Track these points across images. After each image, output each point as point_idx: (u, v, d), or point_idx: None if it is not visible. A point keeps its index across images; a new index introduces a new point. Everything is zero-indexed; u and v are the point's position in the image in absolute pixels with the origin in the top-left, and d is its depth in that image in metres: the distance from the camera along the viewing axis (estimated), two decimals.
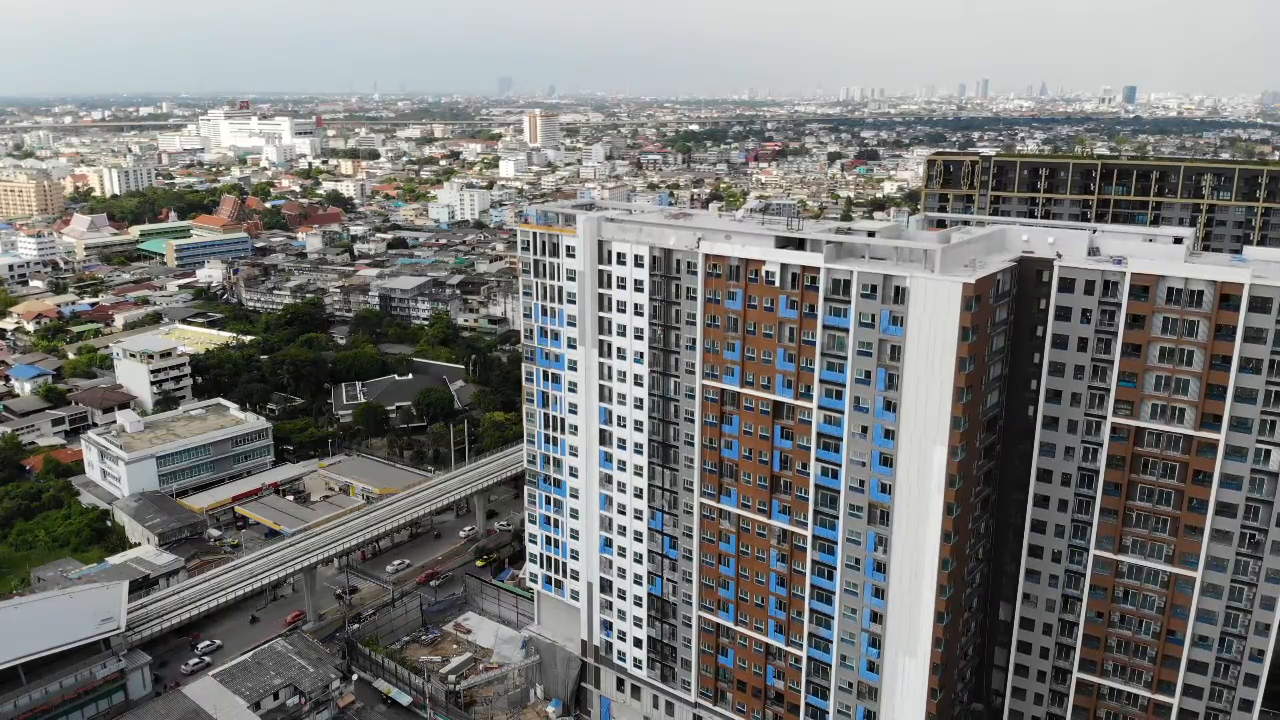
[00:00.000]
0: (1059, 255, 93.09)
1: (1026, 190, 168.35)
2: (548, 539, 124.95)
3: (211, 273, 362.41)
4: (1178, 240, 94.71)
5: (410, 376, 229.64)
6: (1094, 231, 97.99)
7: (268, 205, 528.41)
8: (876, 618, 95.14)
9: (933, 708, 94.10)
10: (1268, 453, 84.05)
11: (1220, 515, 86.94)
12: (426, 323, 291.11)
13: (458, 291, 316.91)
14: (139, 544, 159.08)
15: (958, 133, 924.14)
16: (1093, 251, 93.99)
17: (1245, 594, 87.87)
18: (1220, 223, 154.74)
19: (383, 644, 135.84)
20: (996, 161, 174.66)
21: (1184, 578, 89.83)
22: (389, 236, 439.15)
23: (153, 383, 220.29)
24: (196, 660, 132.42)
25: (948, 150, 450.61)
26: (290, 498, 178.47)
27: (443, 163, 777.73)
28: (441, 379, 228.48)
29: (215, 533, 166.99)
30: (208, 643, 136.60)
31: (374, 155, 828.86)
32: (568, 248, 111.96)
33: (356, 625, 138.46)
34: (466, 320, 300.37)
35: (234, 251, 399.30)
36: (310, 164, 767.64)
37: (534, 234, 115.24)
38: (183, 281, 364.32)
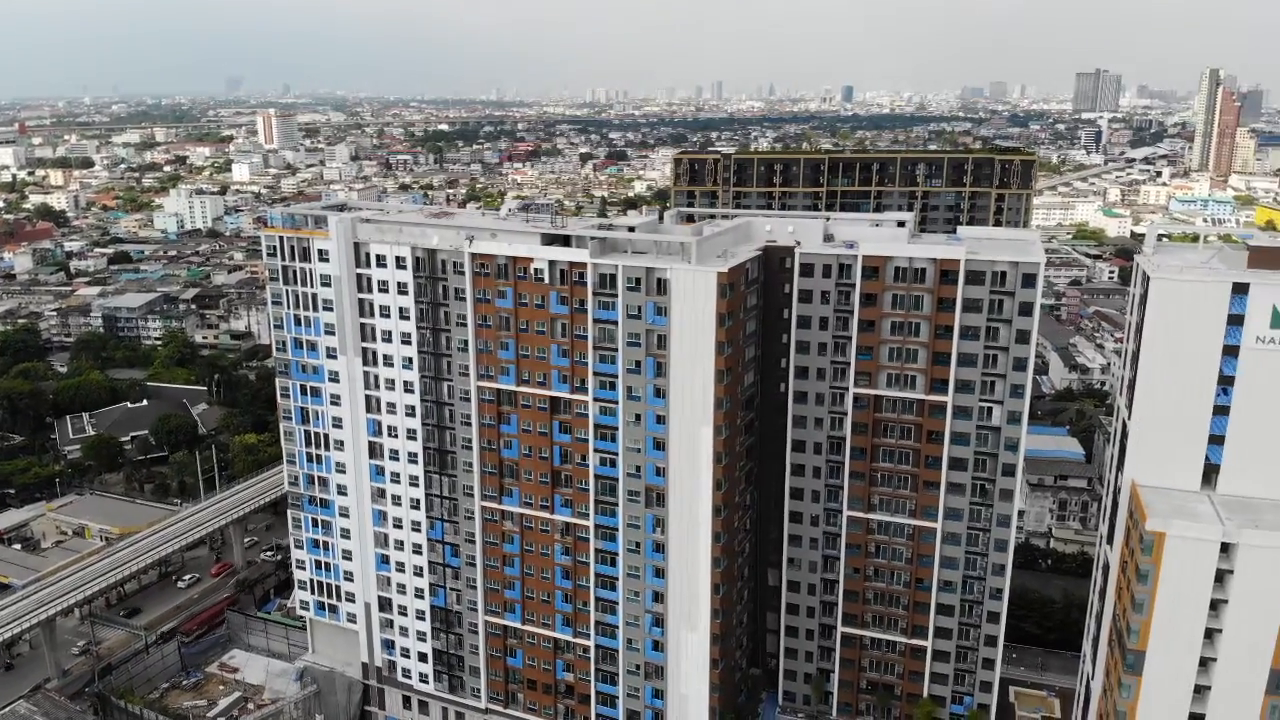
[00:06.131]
0: (799, 243, 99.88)
1: (764, 184, 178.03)
2: (317, 563, 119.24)
3: None
4: (901, 224, 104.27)
5: (145, 403, 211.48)
6: (828, 220, 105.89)
7: None
8: (659, 597, 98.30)
9: (715, 677, 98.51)
10: (990, 410, 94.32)
11: (953, 470, 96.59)
12: (159, 343, 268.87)
13: (193, 306, 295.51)
14: None
15: (698, 133, 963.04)
16: (828, 238, 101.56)
17: (981, 539, 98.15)
18: (934, 207, 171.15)
19: (139, 694, 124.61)
20: (736, 159, 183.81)
21: (926, 529, 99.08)
22: (110, 251, 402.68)
23: None
24: None
25: (690, 149, 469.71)
26: (17, 546, 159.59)
27: (168, 169, 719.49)
28: (182, 403, 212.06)
29: None
30: None
31: (88, 164, 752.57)
32: (320, 252, 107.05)
33: (108, 677, 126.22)
34: (205, 337, 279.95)
35: None
36: (14, 176, 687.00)
37: (280, 238, 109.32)
38: None
